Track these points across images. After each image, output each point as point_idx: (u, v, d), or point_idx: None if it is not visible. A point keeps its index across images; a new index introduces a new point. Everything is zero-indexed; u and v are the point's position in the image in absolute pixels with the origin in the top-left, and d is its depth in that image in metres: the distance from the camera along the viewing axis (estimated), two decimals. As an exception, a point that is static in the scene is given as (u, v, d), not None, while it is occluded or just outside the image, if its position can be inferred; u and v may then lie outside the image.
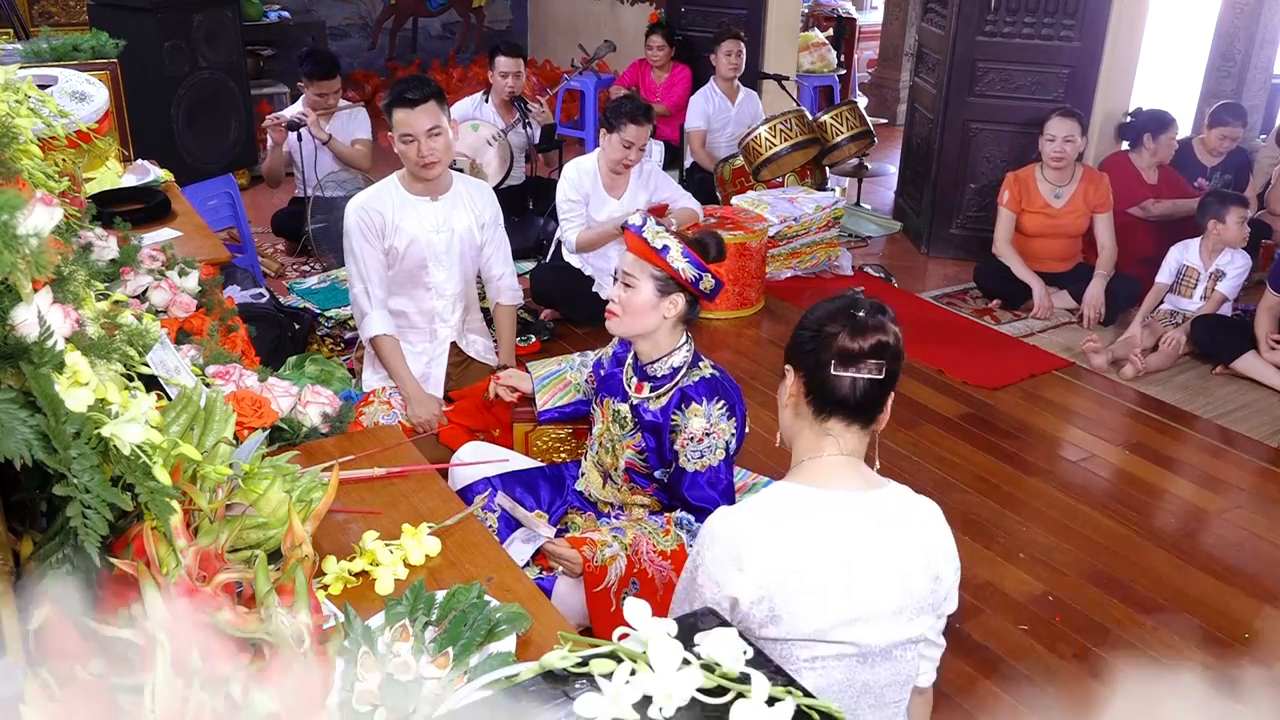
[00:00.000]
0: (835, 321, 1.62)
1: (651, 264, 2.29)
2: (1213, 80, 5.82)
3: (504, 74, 5.00)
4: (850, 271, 5.10)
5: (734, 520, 1.60)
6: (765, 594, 1.54)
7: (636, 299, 2.30)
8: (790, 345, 1.69)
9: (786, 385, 1.70)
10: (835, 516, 1.59)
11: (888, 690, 1.63)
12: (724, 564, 1.56)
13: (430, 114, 2.97)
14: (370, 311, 3.15)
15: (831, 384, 1.61)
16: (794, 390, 1.67)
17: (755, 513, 1.61)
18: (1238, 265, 4.22)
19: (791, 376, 1.68)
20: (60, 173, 1.86)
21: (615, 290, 2.34)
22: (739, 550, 1.56)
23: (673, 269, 2.27)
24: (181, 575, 1.03)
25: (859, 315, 1.61)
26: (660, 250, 2.27)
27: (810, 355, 1.63)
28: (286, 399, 1.94)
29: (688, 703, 0.92)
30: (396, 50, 8.39)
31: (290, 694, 1.00)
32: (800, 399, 1.66)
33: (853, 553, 1.56)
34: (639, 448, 2.40)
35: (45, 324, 1.03)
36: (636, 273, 2.30)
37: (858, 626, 1.56)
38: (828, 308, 1.66)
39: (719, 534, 1.59)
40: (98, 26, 4.36)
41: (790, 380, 1.68)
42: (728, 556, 1.56)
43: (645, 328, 2.33)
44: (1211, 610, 2.73)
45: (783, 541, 1.56)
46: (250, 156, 5.91)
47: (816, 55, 7.68)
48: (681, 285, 2.30)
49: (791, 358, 1.69)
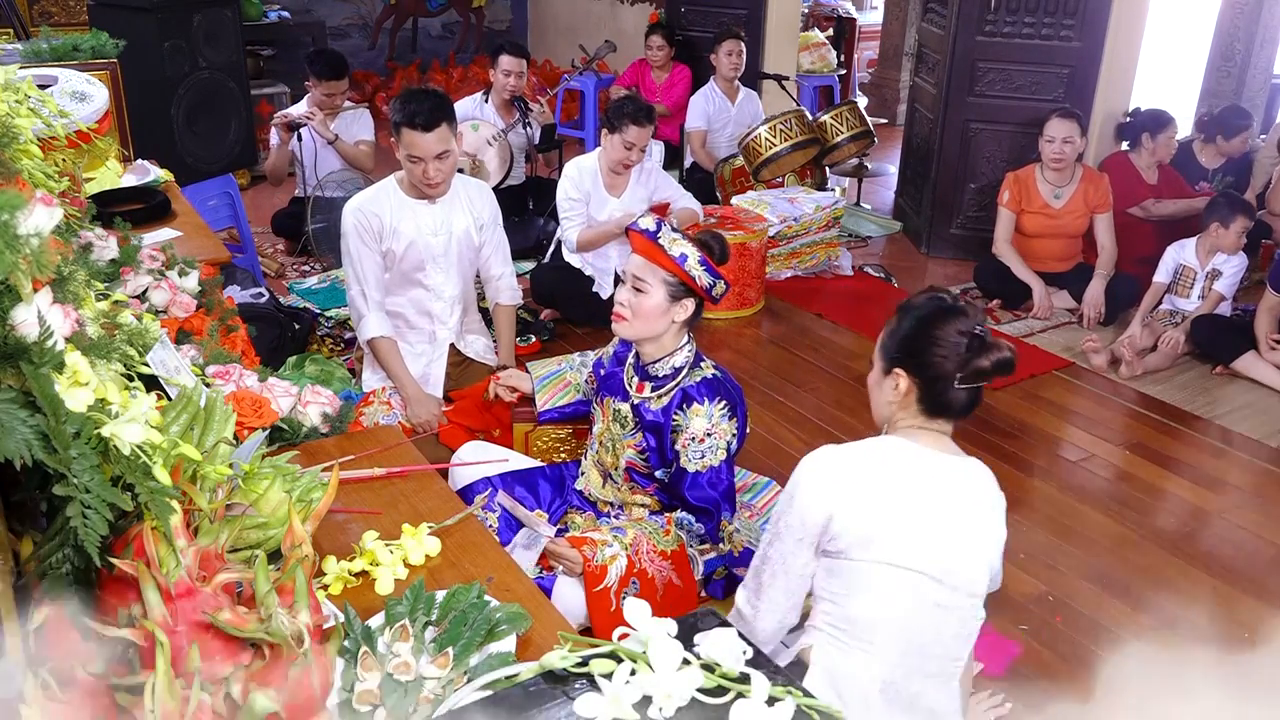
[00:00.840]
0: (957, 335, 1.74)
1: (665, 270, 2.27)
2: (1213, 80, 5.82)
3: (506, 73, 5.00)
4: (850, 271, 5.10)
5: (840, 450, 1.77)
6: (865, 515, 1.71)
7: (648, 303, 2.28)
8: (900, 350, 1.79)
9: (892, 386, 1.80)
10: (930, 466, 1.76)
11: (952, 643, 1.79)
12: (828, 482, 1.73)
13: (441, 139, 2.95)
14: (367, 313, 3.15)
15: (951, 395, 1.76)
16: (906, 392, 1.79)
17: (859, 449, 1.78)
18: (1234, 265, 4.22)
19: (904, 381, 1.78)
20: (60, 173, 1.86)
21: (624, 294, 2.32)
22: (844, 472, 1.74)
23: (689, 276, 2.26)
24: (181, 575, 1.03)
25: (979, 332, 1.74)
26: (678, 259, 2.25)
27: (932, 368, 1.75)
28: (286, 399, 1.94)
29: (688, 703, 0.92)
30: (396, 50, 8.39)
31: (290, 694, 1.00)
32: (911, 401, 1.79)
33: (943, 498, 1.74)
34: (640, 447, 2.40)
35: (45, 324, 1.03)
36: (648, 277, 2.28)
37: (941, 562, 1.73)
38: (943, 317, 1.76)
39: (824, 459, 1.76)
40: (98, 26, 4.36)
41: (903, 385, 1.78)
42: (833, 476, 1.73)
43: (655, 331, 2.32)
44: (1211, 610, 2.73)
45: (883, 473, 1.74)
46: (250, 156, 5.91)
47: (816, 55, 7.68)
48: (693, 290, 2.30)
49: (905, 365, 1.78)
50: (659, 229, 2.27)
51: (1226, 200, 4.30)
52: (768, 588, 1.82)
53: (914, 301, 1.84)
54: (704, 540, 2.35)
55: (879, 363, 1.85)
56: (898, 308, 1.87)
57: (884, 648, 1.74)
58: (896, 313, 1.86)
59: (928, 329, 1.76)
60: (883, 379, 1.83)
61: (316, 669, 1.03)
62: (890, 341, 1.82)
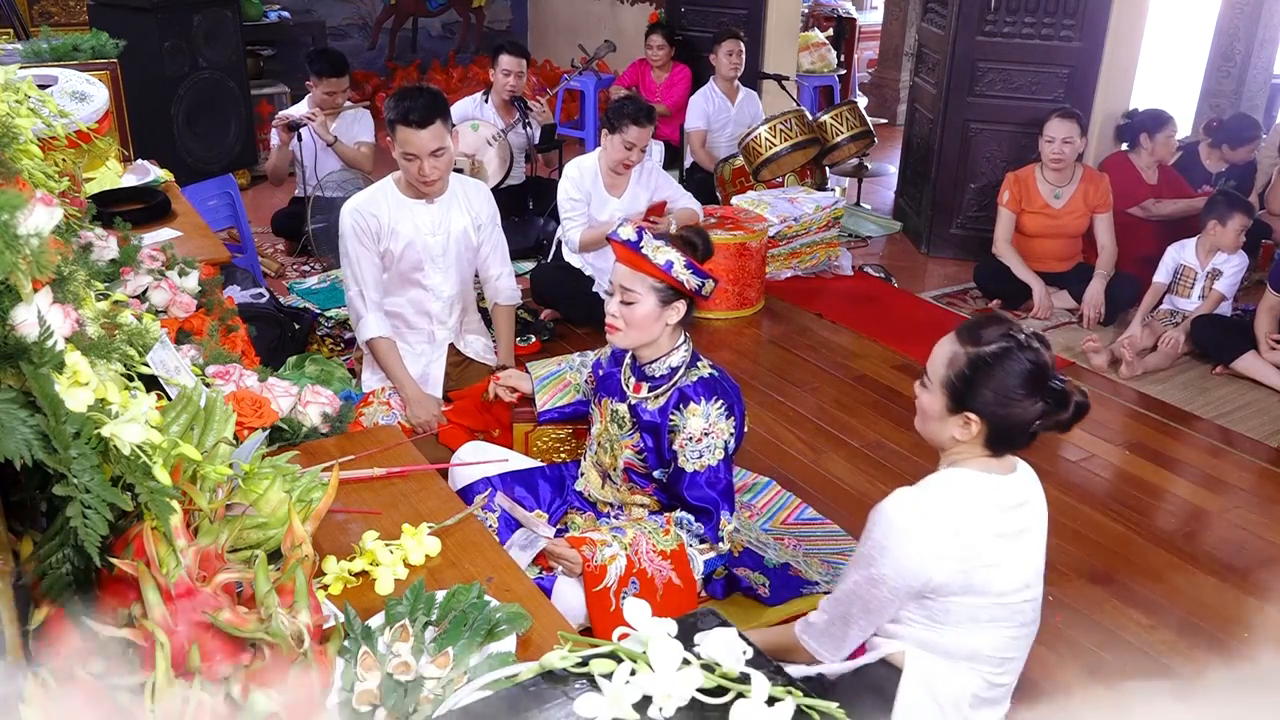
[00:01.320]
0: (1041, 391, 1.72)
1: (653, 277, 2.27)
2: (1213, 80, 5.82)
3: (506, 72, 5.00)
4: (850, 271, 5.10)
5: (926, 500, 1.75)
6: (962, 566, 1.71)
7: (639, 312, 2.28)
8: (976, 400, 1.74)
9: (960, 425, 1.77)
10: (1004, 494, 1.78)
11: (1027, 649, 1.87)
12: (924, 538, 1.71)
13: (436, 135, 2.95)
14: (366, 314, 3.15)
15: (1021, 437, 1.77)
16: (976, 435, 1.77)
17: (942, 494, 1.76)
18: (1234, 264, 4.22)
19: (977, 425, 1.76)
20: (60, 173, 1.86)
21: (614, 305, 2.31)
22: (938, 525, 1.72)
23: (677, 281, 2.26)
24: (181, 575, 1.03)
25: (1059, 386, 1.73)
26: (664, 266, 2.24)
27: (1010, 419, 1.74)
28: (286, 399, 1.94)
29: (688, 703, 0.92)
30: (396, 50, 8.39)
31: (290, 694, 1.00)
32: (979, 439, 1.78)
33: (1019, 522, 1.78)
34: (637, 448, 2.40)
35: (45, 324, 1.03)
36: (636, 286, 2.27)
37: (1028, 586, 1.79)
38: (1023, 370, 1.71)
39: (913, 512, 1.73)
40: (98, 26, 4.36)
41: (975, 428, 1.76)
42: (927, 531, 1.71)
43: (649, 338, 2.33)
44: (1211, 610, 2.73)
45: (971, 517, 1.74)
46: (250, 156, 5.91)
47: (816, 55, 7.68)
48: (683, 292, 2.29)
49: (976, 409, 1.75)
50: (640, 238, 2.25)
51: (1224, 198, 4.30)
52: (853, 638, 1.83)
53: (985, 338, 1.75)
54: (703, 540, 2.35)
55: (943, 398, 1.79)
56: (964, 339, 1.78)
57: (981, 665, 1.81)
58: (963, 346, 1.77)
59: (1003, 379, 1.72)
60: (948, 415, 1.78)
61: (316, 669, 1.03)
62: (963, 386, 1.75)
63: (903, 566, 1.72)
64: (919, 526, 1.72)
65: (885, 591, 1.75)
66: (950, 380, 1.76)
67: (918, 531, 1.72)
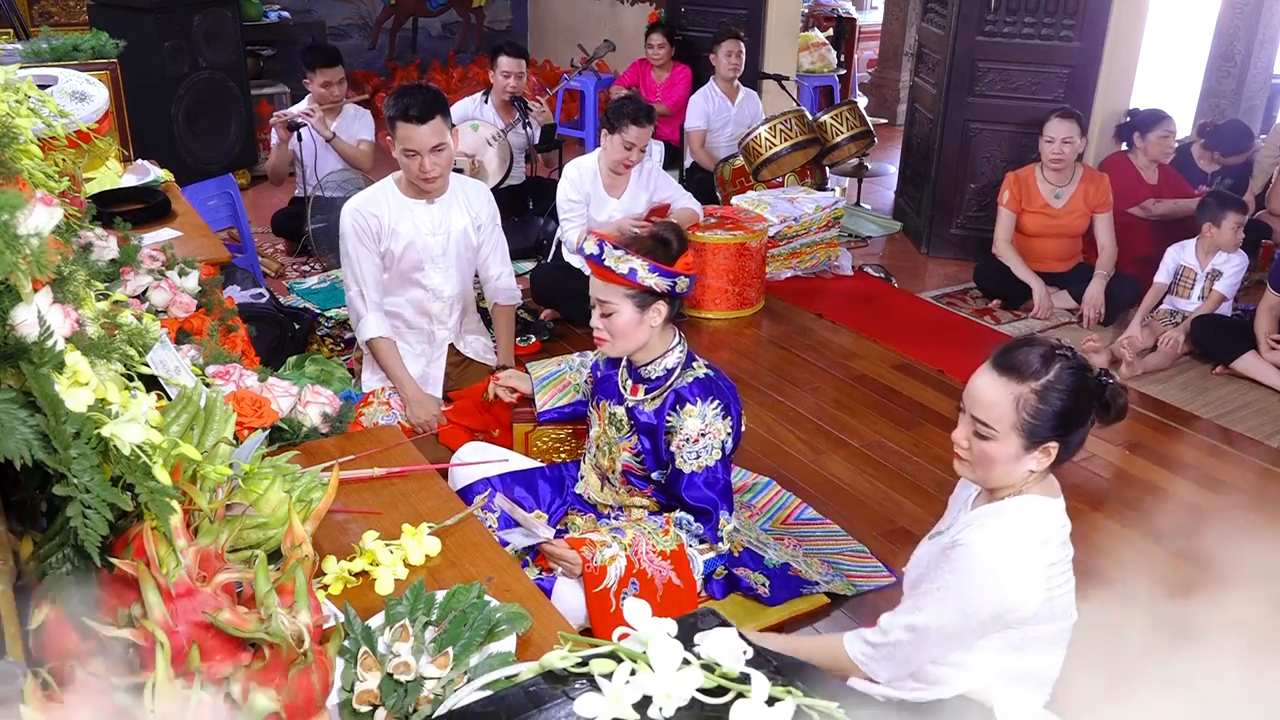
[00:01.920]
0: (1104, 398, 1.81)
1: (623, 286, 2.28)
2: (1213, 80, 5.82)
3: (506, 73, 5.00)
4: (850, 271, 5.10)
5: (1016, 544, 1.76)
6: (1048, 596, 1.75)
7: (620, 322, 2.30)
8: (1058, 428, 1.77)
9: (1038, 456, 1.79)
10: (1063, 518, 1.85)
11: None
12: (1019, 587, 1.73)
13: (436, 131, 2.95)
14: (366, 314, 3.15)
15: (1080, 443, 1.83)
16: (1052, 459, 1.80)
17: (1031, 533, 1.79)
18: (1234, 265, 4.22)
19: (1055, 451, 1.79)
20: (60, 173, 1.86)
21: (595, 319, 2.33)
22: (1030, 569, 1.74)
23: (644, 287, 2.26)
24: (181, 575, 1.03)
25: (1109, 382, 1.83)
26: (629, 275, 2.25)
27: (1081, 432, 1.81)
28: (286, 399, 1.94)
29: (688, 703, 0.92)
30: (396, 50, 8.39)
31: (290, 694, 1.00)
32: (1049, 465, 1.81)
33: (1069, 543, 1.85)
34: (635, 450, 2.40)
35: (45, 324, 1.03)
36: (611, 298, 2.29)
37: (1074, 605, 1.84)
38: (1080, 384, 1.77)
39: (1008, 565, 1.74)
40: (98, 26, 4.36)
41: (1053, 453, 1.79)
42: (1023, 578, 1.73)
43: (638, 343, 2.34)
44: (1211, 610, 2.73)
45: (1051, 547, 1.78)
46: (250, 156, 5.90)
47: (816, 55, 7.68)
48: (658, 294, 2.30)
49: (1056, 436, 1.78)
50: (602, 251, 2.26)
51: (1214, 199, 4.30)
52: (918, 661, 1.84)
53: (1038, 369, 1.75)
54: (703, 540, 2.35)
55: (1017, 439, 1.76)
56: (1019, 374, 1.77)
57: (1045, 687, 1.90)
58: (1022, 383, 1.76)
59: (1082, 402, 1.78)
60: (1024, 454, 1.78)
61: (316, 669, 1.03)
62: (1040, 421, 1.75)
63: (1001, 603, 1.73)
64: (1016, 565, 1.74)
65: (975, 624, 1.76)
66: (1025, 421, 1.75)
67: (1015, 570, 1.74)
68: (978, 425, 1.79)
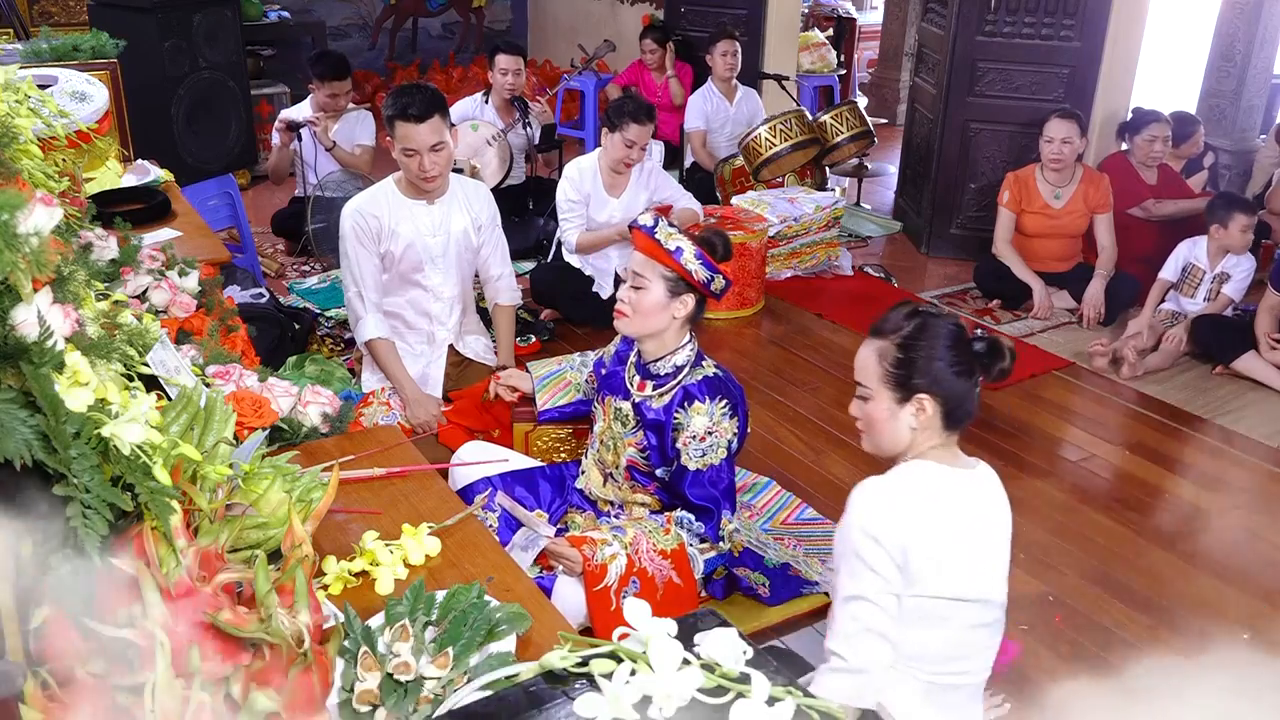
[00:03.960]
0: (965, 345, 1.78)
1: (663, 265, 2.28)
2: (1213, 80, 5.81)
3: (504, 71, 5.00)
4: (850, 271, 5.10)
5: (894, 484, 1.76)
6: (932, 550, 1.71)
7: (647, 299, 2.29)
8: (921, 376, 1.77)
9: (913, 412, 1.78)
10: (959, 486, 1.79)
11: (987, 654, 1.84)
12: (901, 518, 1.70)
13: (435, 130, 2.95)
14: (365, 315, 3.15)
15: (970, 404, 1.79)
16: (930, 415, 1.78)
17: (905, 481, 1.77)
18: (1243, 268, 4.21)
19: (930, 404, 1.77)
20: (60, 173, 1.86)
21: (625, 290, 2.33)
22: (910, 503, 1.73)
23: (685, 271, 2.27)
24: (181, 575, 1.03)
25: (984, 335, 1.79)
26: (674, 252, 2.26)
27: (957, 384, 1.77)
28: (286, 399, 1.94)
29: (688, 703, 0.92)
30: (396, 50, 8.38)
31: (290, 694, 1.00)
32: (935, 421, 1.78)
33: (974, 518, 1.78)
34: (641, 446, 2.40)
35: (45, 324, 1.03)
36: (647, 273, 2.29)
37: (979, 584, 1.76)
38: (951, 332, 1.77)
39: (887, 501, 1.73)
40: (98, 26, 4.36)
41: (929, 408, 1.77)
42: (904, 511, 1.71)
43: (655, 328, 2.33)
44: (1211, 610, 2.73)
45: (937, 509, 1.74)
46: (250, 156, 5.90)
47: (816, 55, 7.68)
48: (692, 286, 2.30)
49: (928, 388, 1.77)
50: (656, 224, 2.29)
51: (1222, 200, 4.30)
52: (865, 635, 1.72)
53: (897, 324, 1.81)
54: (704, 539, 2.35)
55: (886, 394, 1.80)
56: (880, 333, 1.82)
57: (927, 664, 1.78)
58: (884, 339, 1.81)
59: (939, 348, 1.76)
60: (898, 409, 1.80)
61: (316, 669, 1.03)
62: (903, 371, 1.78)
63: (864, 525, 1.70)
64: (894, 500, 1.74)
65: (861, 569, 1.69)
66: (889, 372, 1.79)
67: (895, 504, 1.73)
68: (858, 390, 1.85)
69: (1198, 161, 5.23)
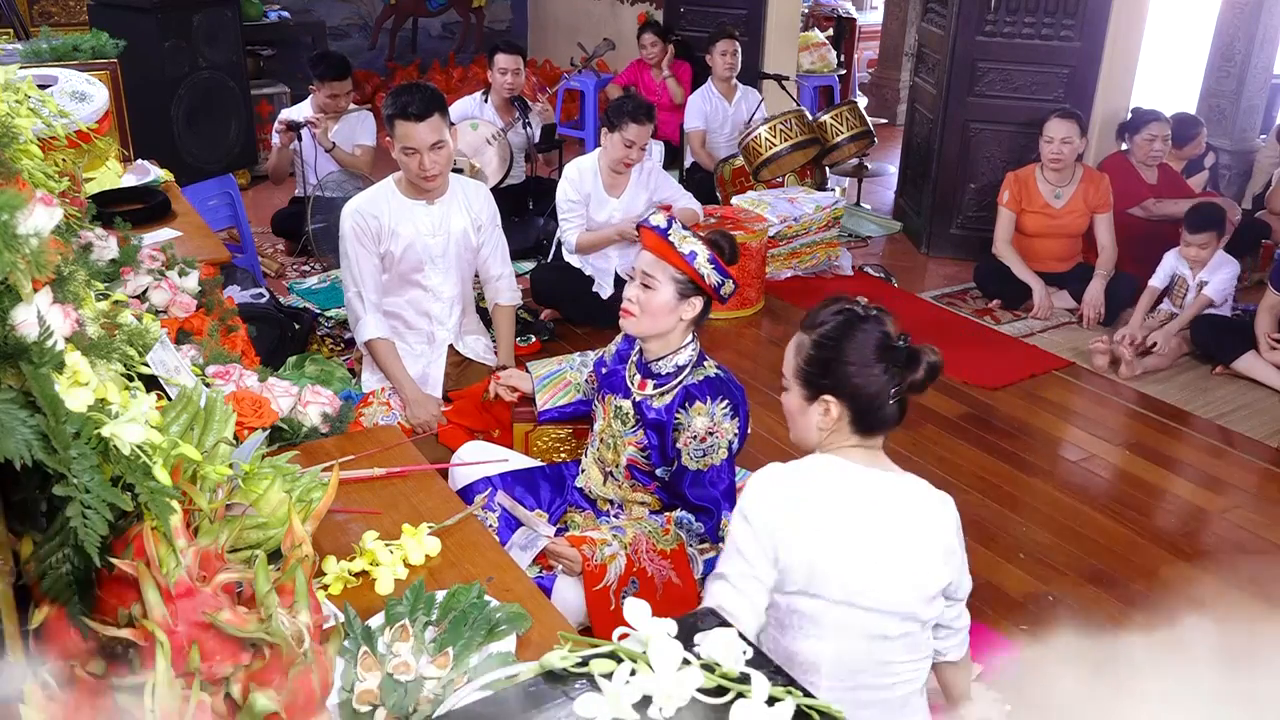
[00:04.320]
0: (883, 352, 1.67)
1: (674, 266, 2.27)
2: (1213, 80, 5.82)
3: (503, 70, 5.01)
4: (850, 271, 5.10)
5: (782, 474, 1.69)
6: (807, 552, 1.63)
7: (656, 300, 2.28)
8: (825, 376, 1.70)
9: (820, 412, 1.72)
10: (865, 486, 1.69)
11: (903, 668, 1.72)
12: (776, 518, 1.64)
13: (434, 128, 2.95)
14: (364, 315, 3.15)
15: (886, 411, 1.69)
16: (836, 418, 1.71)
17: (802, 472, 1.70)
18: (1222, 275, 4.18)
19: (835, 407, 1.70)
20: (60, 173, 1.86)
21: (633, 290, 2.32)
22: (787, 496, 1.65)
23: (698, 274, 2.26)
24: (181, 575, 1.03)
25: (903, 344, 1.68)
26: (688, 256, 2.25)
27: (863, 390, 1.68)
28: (286, 399, 1.94)
29: (688, 703, 0.92)
30: (396, 50, 8.38)
31: (290, 694, 1.00)
32: (844, 425, 1.71)
33: (876, 521, 1.67)
34: (641, 445, 2.40)
35: (45, 324, 1.03)
36: (657, 274, 2.28)
37: (876, 593, 1.65)
38: (863, 335, 1.68)
39: (767, 492, 1.67)
40: (98, 26, 4.36)
41: (834, 410, 1.71)
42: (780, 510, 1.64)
43: (662, 328, 2.33)
44: (1211, 610, 2.73)
45: (826, 505, 1.66)
46: (250, 156, 5.90)
47: (816, 55, 7.68)
48: (702, 289, 2.30)
49: (833, 390, 1.70)
50: (670, 226, 2.27)
51: (1194, 215, 4.23)
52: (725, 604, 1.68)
53: (823, 319, 1.74)
54: (704, 539, 2.35)
55: (797, 388, 1.75)
56: (805, 326, 1.77)
57: (828, 679, 1.68)
58: (806, 333, 1.75)
59: (850, 351, 1.68)
60: (806, 406, 1.74)
61: (316, 669, 1.03)
62: (814, 369, 1.72)
63: (760, 525, 1.64)
64: (777, 485, 1.68)
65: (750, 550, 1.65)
66: (801, 367, 1.74)
67: (775, 489, 1.67)
68: (782, 380, 1.81)
69: (1199, 162, 5.24)
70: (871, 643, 1.67)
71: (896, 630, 1.68)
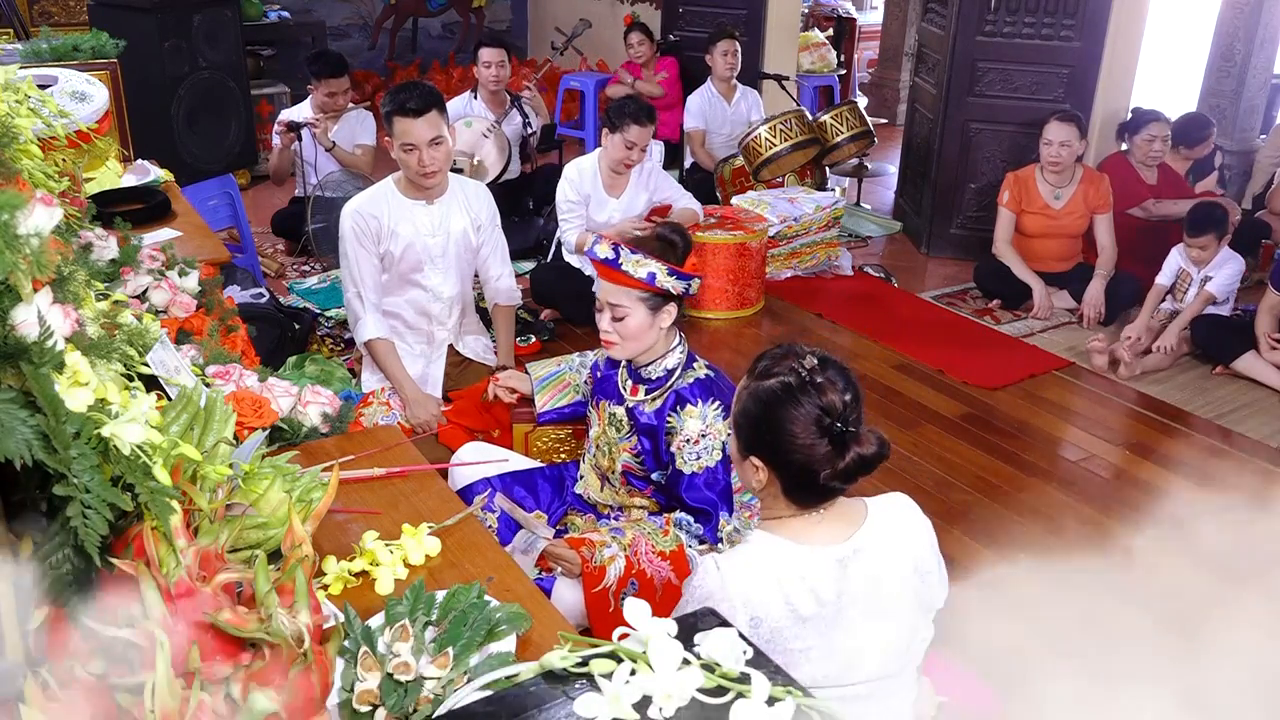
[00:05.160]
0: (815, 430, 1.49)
1: (637, 289, 2.27)
2: (1213, 80, 5.82)
3: (486, 64, 5.07)
4: (850, 271, 5.10)
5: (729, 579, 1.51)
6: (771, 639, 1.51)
7: (631, 325, 2.28)
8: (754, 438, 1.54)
9: (752, 470, 1.57)
10: (827, 573, 1.53)
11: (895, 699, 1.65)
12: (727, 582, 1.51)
13: (433, 124, 2.96)
14: (364, 316, 3.15)
15: (818, 488, 1.53)
16: (769, 485, 1.56)
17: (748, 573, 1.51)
18: (1226, 271, 4.19)
19: (764, 473, 1.55)
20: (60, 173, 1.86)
21: (605, 321, 2.30)
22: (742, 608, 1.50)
23: (662, 290, 2.26)
24: (181, 575, 1.03)
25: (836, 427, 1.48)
26: (648, 279, 2.24)
27: (793, 466, 1.51)
28: (286, 399, 1.94)
29: (688, 703, 0.92)
30: (396, 50, 8.38)
31: (290, 694, 1.00)
32: (777, 492, 1.57)
33: (848, 603, 1.54)
34: (635, 450, 2.40)
35: (45, 324, 1.03)
36: (624, 300, 2.27)
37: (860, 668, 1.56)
38: (793, 412, 1.49)
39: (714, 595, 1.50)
40: (98, 26, 4.36)
41: (763, 475, 1.56)
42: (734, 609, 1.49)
43: (648, 345, 2.33)
44: (1212, 611, 2.73)
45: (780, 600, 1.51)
46: (250, 156, 5.90)
47: (816, 55, 7.68)
48: (671, 296, 2.30)
49: (759, 454, 1.54)
50: (618, 255, 2.24)
51: (1199, 214, 4.23)
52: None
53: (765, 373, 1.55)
54: (703, 541, 2.35)
55: (734, 438, 1.60)
56: (750, 372, 1.58)
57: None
58: (748, 381, 1.58)
59: (781, 421, 1.50)
60: (740, 460, 1.59)
61: (316, 669, 1.03)
62: (746, 426, 1.55)
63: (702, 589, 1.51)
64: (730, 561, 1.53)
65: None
66: (737, 417, 1.58)
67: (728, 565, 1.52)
68: None
69: (1208, 162, 5.20)
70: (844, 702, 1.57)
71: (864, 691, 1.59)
